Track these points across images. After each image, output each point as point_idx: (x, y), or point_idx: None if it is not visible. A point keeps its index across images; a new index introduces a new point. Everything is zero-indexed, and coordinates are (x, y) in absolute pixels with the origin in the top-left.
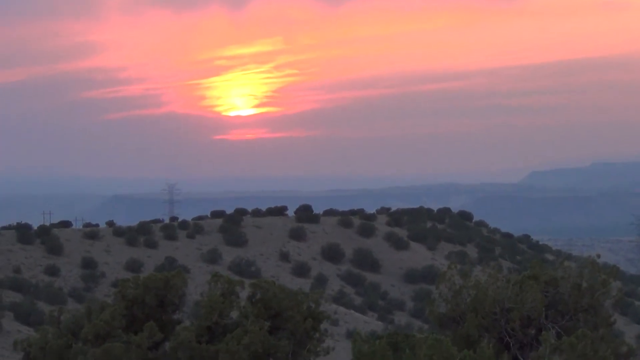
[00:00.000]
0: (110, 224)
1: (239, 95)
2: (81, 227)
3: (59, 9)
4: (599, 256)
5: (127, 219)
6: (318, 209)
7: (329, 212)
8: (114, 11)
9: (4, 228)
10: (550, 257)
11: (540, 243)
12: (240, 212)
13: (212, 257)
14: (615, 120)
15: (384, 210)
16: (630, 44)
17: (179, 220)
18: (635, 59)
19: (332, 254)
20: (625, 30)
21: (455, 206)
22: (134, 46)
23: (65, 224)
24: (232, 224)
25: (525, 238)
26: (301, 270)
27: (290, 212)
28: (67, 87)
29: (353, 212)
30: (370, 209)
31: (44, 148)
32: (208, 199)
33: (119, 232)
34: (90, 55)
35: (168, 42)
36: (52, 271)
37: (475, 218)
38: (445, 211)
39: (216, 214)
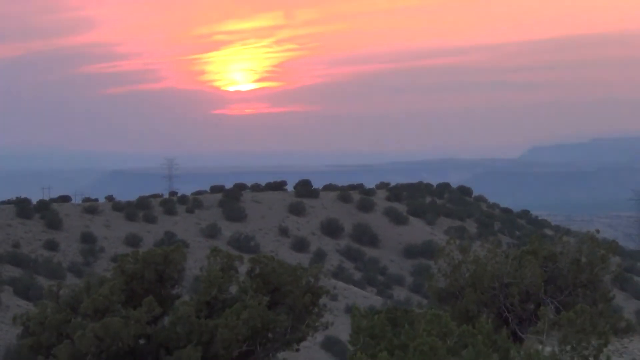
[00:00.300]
0: (110, 198)
1: (238, 70)
2: (80, 201)
3: None
4: (598, 231)
5: (126, 194)
6: (317, 184)
7: (328, 187)
8: None
9: (3, 203)
10: (549, 232)
11: (540, 218)
12: (240, 187)
13: (211, 232)
14: (616, 96)
15: (384, 185)
16: (632, 19)
17: (178, 195)
18: (633, 35)
19: (331, 229)
20: (627, 5)
21: (455, 181)
22: (132, 21)
23: (65, 199)
24: (231, 198)
25: (525, 213)
26: (300, 245)
27: (290, 187)
28: (65, 62)
29: (352, 187)
30: (370, 184)
31: (43, 123)
32: (207, 173)
33: (118, 206)
34: (88, 30)
35: (167, 16)
36: (51, 246)
37: (475, 193)
38: (445, 186)
39: (215, 189)
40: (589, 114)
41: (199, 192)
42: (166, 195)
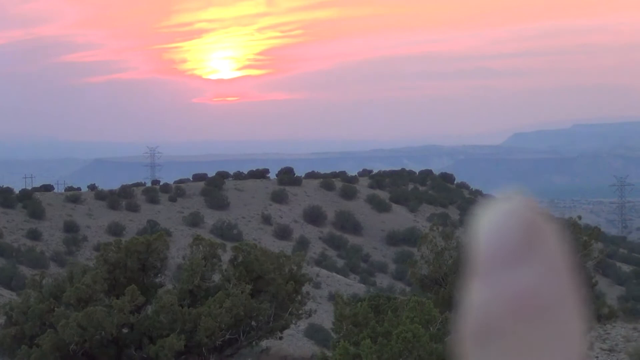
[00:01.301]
0: (92, 187)
1: (220, 58)
2: (63, 190)
3: None
4: (580, 217)
5: (108, 183)
6: (300, 172)
7: (311, 175)
8: None
9: None
10: None
11: None
12: (222, 175)
13: (194, 220)
14: (596, 82)
15: (366, 173)
16: (612, 7)
17: (161, 183)
18: (614, 22)
19: (313, 216)
20: None
21: (437, 168)
22: (113, 9)
23: (47, 188)
24: (213, 187)
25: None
26: (283, 233)
27: (272, 175)
28: (46, 51)
29: (335, 175)
30: (352, 172)
31: (25, 112)
32: (190, 162)
33: (100, 195)
34: (69, 19)
35: (148, 4)
36: (34, 235)
37: (457, 180)
38: (427, 173)
39: (198, 177)
40: (570, 101)
41: (182, 181)
42: (149, 184)
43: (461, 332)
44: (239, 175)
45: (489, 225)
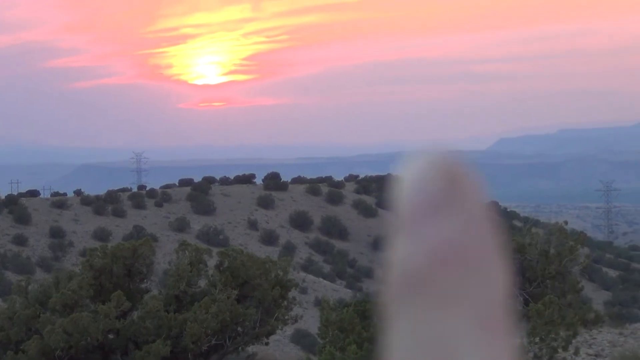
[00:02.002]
0: (78, 193)
1: (206, 63)
2: (49, 196)
3: None
4: (566, 222)
5: (95, 188)
6: (286, 177)
7: (297, 180)
8: None
9: None
10: (518, 223)
11: (508, 210)
12: (208, 181)
13: (180, 226)
14: (582, 87)
15: (352, 178)
16: (598, 12)
17: (147, 188)
18: (601, 26)
19: (300, 221)
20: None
21: None
22: (99, 14)
23: (33, 193)
24: (200, 192)
25: (493, 204)
26: (269, 238)
27: (259, 180)
28: (32, 56)
29: (321, 180)
30: (339, 177)
31: (11, 117)
32: (176, 167)
33: (86, 201)
34: (55, 24)
35: (134, 10)
36: (20, 241)
37: None
38: None
39: (184, 183)
40: (556, 105)
41: (168, 186)
42: (135, 189)
43: (386, 285)
44: (225, 181)
45: (410, 178)
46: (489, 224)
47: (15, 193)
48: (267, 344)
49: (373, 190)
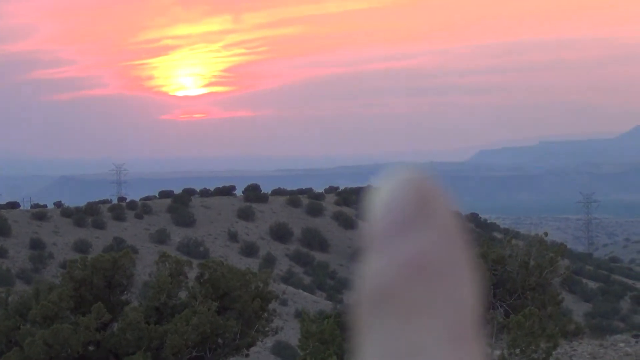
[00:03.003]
0: (58, 204)
1: (186, 75)
2: (29, 208)
3: None
4: (546, 234)
5: (75, 200)
6: (266, 189)
7: (277, 192)
8: None
9: None
10: (498, 235)
11: (488, 221)
12: (189, 192)
13: (161, 238)
14: (562, 99)
15: (332, 190)
16: (580, 24)
17: (127, 200)
18: (581, 38)
19: (280, 233)
20: (572, 10)
21: None
22: (80, 26)
23: (13, 205)
24: (180, 204)
25: (473, 216)
26: (249, 250)
27: (239, 192)
28: (12, 68)
29: (301, 192)
30: (319, 188)
31: None
32: (156, 179)
33: (67, 213)
34: (33, 36)
35: (114, 21)
36: (0, 252)
37: None
38: None
39: (164, 194)
40: (536, 118)
41: (148, 198)
42: (115, 201)
43: (358, 300)
44: (205, 192)
45: (382, 195)
46: (460, 238)
47: None
48: (247, 355)
49: (353, 202)
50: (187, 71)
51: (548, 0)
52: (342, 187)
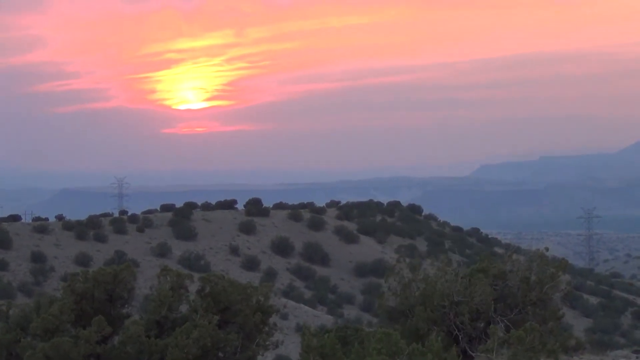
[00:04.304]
0: (60, 217)
1: (189, 88)
2: (30, 221)
3: (5, 2)
4: (547, 249)
5: (76, 213)
6: (268, 203)
7: (279, 206)
8: (63, 4)
9: None
10: (499, 250)
11: (490, 236)
12: (190, 206)
13: (162, 251)
14: (563, 114)
15: (334, 204)
16: (580, 38)
17: (129, 214)
18: (583, 53)
19: (281, 247)
20: (574, 24)
21: (405, 199)
22: (83, 39)
23: (15, 218)
24: (181, 217)
25: (475, 231)
26: (251, 264)
27: (240, 206)
28: (16, 81)
29: (303, 206)
30: (320, 203)
31: None
32: (158, 192)
33: (68, 226)
34: (39, 49)
35: (118, 35)
36: (1, 265)
37: (425, 211)
38: (395, 204)
39: (166, 208)
40: (537, 133)
41: (149, 211)
42: (116, 214)
43: None
44: (207, 206)
45: None
46: None
47: None
48: None
49: (355, 217)
50: (190, 85)
51: (549, 14)
52: (343, 202)
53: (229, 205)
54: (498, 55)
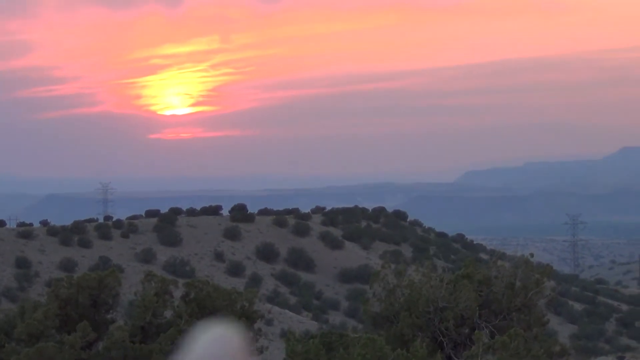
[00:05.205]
0: (45, 223)
1: (174, 94)
2: (15, 226)
3: None
4: (532, 255)
5: (61, 219)
6: (253, 209)
7: (264, 212)
8: (49, 9)
9: None
10: (484, 256)
11: (475, 242)
12: (175, 212)
13: (147, 257)
14: (548, 120)
15: (319, 210)
16: (564, 45)
17: (113, 219)
18: (567, 60)
19: (266, 253)
20: (558, 31)
21: (391, 205)
22: (69, 45)
23: None
24: (166, 223)
25: (460, 237)
26: (235, 269)
27: (225, 212)
28: (1, 86)
29: (288, 212)
30: (305, 209)
31: None
32: (143, 198)
33: (53, 231)
34: (24, 54)
35: (104, 40)
36: None
37: (410, 217)
38: (380, 210)
39: (150, 214)
40: (524, 139)
41: (134, 217)
42: (101, 220)
43: None
44: (192, 212)
45: (197, 347)
46: None
47: None
48: None
49: (340, 222)
50: (176, 90)
51: (534, 21)
52: (329, 208)
53: (214, 211)
54: (484, 61)
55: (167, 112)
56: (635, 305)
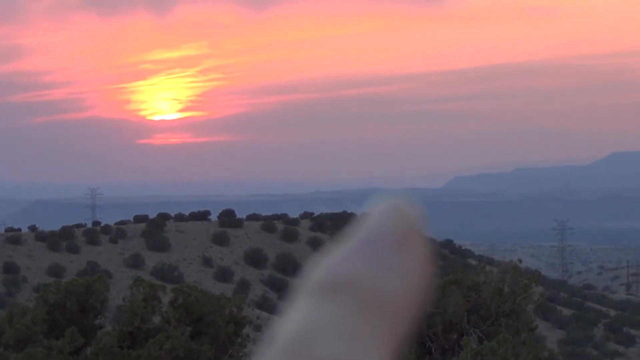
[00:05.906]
0: (33, 228)
1: (163, 99)
2: (3, 231)
3: None
4: (520, 261)
5: (49, 224)
6: (241, 214)
7: (252, 217)
8: (40, 15)
9: None
10: (472, 262)
11: (463, 248)
12: (163, 217)
13: (135, 262)
14: (537, 126)
15: (307, 215)
16: (552, 50)
17: (102, 224)
18: (556, 65)
19: (255, 258)
20: (547, 36)
21: None
22: (59, 50)
23: None
24: (154, 228)
25: (448, 243)
26: (224, 275)
27: (214, 217)
28: None
29: (276, 217)
30: (294, 214)
31: None
32: (131, 203)
33: (41, 236)
34: (14, 59)
35: (93, 46)
36: None
37: None
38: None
39: (139, 219)
40: (512, 144)
41: (123, 222)
42: (89, 225)
43: (305, 285)
44: (180, 217)
45: (377, 216)
46: (425, 284)
47: None
48: None
49: (328, 228)
50: (164, 95)
51: (521, 27)
52: (317, 213)
53: (202, 216)
54: (472, 66)
55: (156, 118)
56: (623, 310)
